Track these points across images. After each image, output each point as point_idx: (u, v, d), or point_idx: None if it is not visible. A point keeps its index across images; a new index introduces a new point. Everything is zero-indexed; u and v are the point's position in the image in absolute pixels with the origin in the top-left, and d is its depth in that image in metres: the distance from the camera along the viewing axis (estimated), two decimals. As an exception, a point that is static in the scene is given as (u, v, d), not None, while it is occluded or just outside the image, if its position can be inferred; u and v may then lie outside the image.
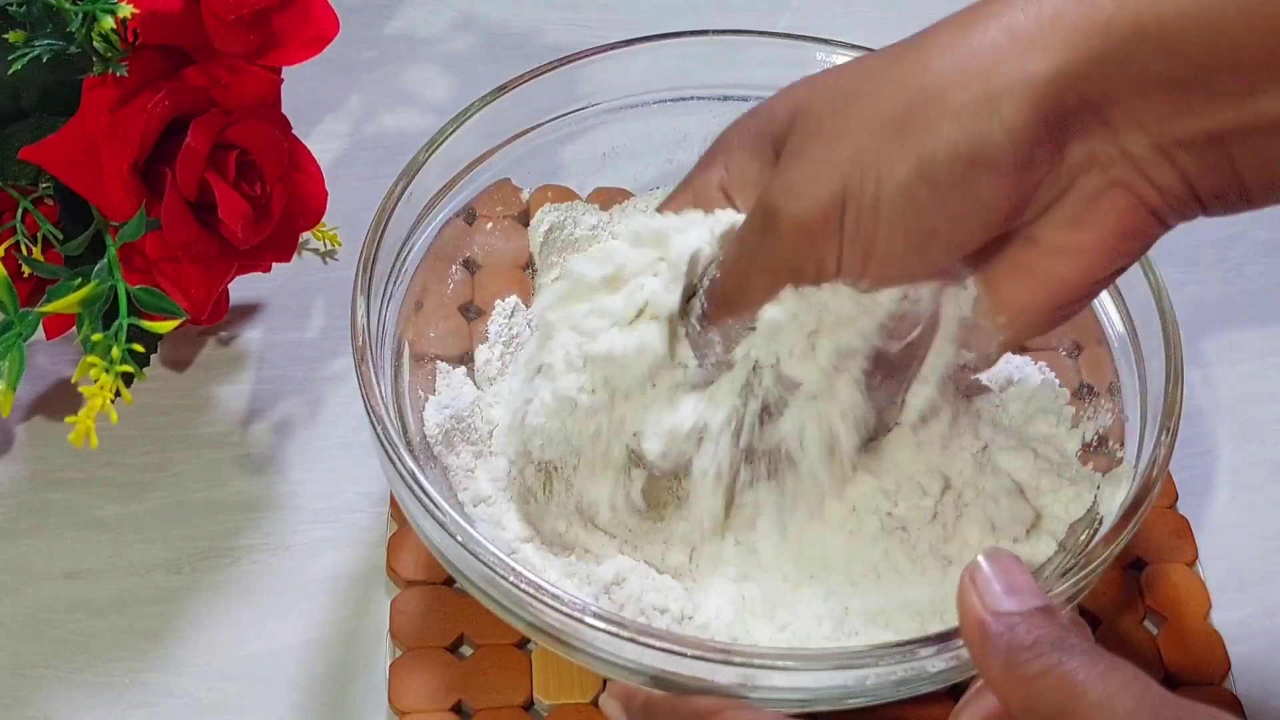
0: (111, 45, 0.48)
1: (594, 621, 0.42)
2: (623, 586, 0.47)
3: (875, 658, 0.42)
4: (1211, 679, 0.51)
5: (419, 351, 0.52)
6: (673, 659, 0.42)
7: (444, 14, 0.72)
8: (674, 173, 0.59)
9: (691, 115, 0.57)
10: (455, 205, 0.55)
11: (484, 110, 0.53)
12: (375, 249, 0.49)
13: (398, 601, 0.52)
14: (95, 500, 0.55)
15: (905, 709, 0.48)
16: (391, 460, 0.45)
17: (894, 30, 0.57)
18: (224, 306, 0.57)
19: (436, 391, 0.52)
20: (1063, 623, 0.37)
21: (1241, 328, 0.62)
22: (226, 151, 0.51)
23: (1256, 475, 0.58)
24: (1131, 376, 0.50)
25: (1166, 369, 0.48)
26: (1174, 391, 0.47)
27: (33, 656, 0.51)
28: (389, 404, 0.47)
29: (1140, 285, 0.50)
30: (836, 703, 0.44)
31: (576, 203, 0.57)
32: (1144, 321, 0.50)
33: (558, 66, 0.55)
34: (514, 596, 0.43)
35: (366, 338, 0.47)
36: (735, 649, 0.42)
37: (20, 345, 0.48)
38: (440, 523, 0.44)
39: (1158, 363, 0.48)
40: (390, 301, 0.51)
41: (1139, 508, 0.45)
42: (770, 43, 0.56)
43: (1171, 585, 0.53)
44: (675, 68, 0.57)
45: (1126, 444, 0.49)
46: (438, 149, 0.52)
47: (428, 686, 0.50)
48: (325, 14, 0.53)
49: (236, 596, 0.53)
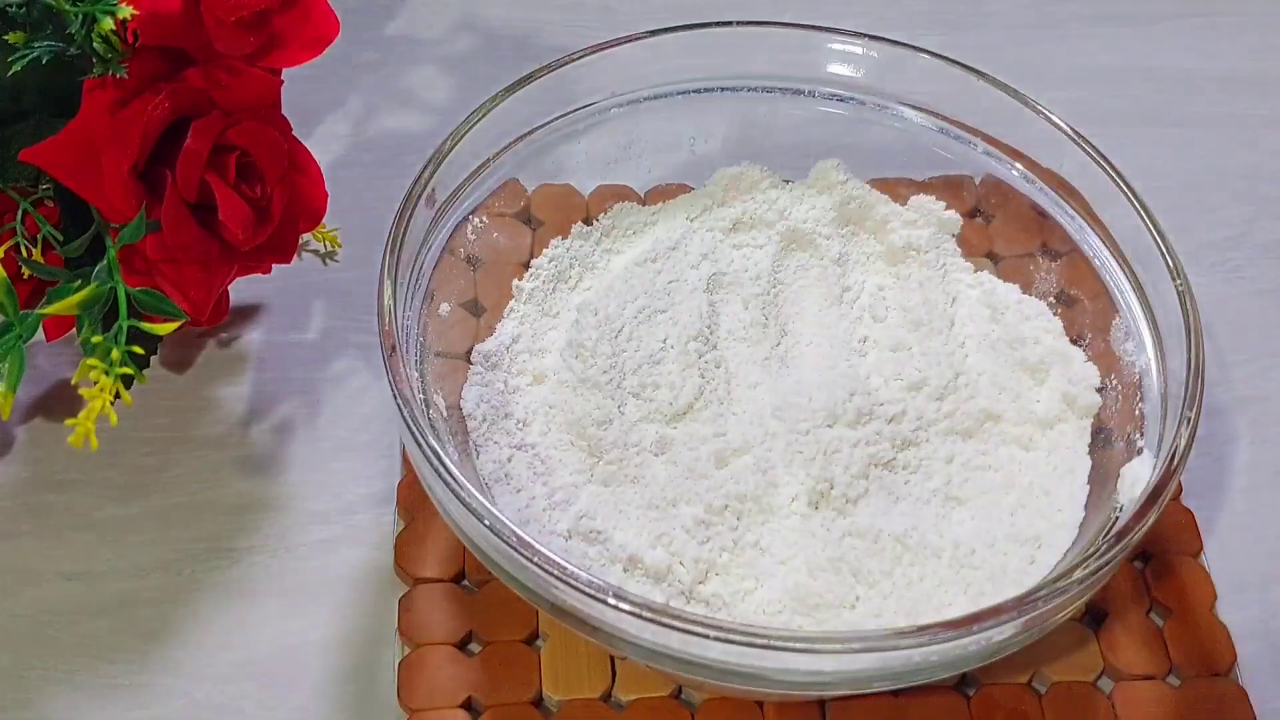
0: (111, 47, 0.48)
1: (615, 602, 0.42)
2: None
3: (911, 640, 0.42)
4: (1218, 671, 0.51)
5: (432, 346, 0.53)
6: (694, 640, 0.42)
7: (445, 15, 0.72)
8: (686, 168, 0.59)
9: (705, 110, 0.58)
10: (469, 203, 0.55)
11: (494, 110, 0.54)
12: (400, 244, 0.50)
13: (405, 599, 0.52)
14: (95, 502, 0.55)
15: (920, 697, 0.49)
16: (416, 440, 0.45)
17: (894, 30, 0.58)
18: (224, 308, 0.57)
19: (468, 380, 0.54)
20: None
21: (1242, 328, 0.62)
22: (227, 153, 0.51)
23: (1259, 476, 0.58)
24: (1151, 367, 0.51)
25: (1187, 360, 0.48)
26: (1194, 383, 0.47)
27: (32, 658, 0.51)
28: (415, 389, 0.48)
29: (1163, 277, 0.50)
30: (860, 686, 0.44)
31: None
32: (1165, 312, 0.51)
33: (560, 66, 0.55)
34: (535, 577, 0.43)
35: (394, 323, 0.48)
36: (758, 631, 0.42)
37: (20, 347, 0.47)
38: (464, 502, 0.44)
39: (1179, 354, 0.49)
40: (410, 297, 0.51)
41: (1160, 495, 0.45)
42: (788, 34, 0.57)
43: (1178, 578, 0.53)
44: (680, 63, 0.57)
45: (1146, 434, 0.50)
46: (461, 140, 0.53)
47: (437, 684, 0.50)
48: (326, 15, 0.53)
49: (237, 598, 0.53)
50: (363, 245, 0.61)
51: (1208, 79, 0.73)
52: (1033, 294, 0.57)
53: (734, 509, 0.50)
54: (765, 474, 0.51)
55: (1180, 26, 0.76)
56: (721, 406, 0.53)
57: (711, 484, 0.51)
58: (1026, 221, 0.57)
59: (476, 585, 0.52)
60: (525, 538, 0.43)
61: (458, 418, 0.52)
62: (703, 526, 0.50)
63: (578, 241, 0.58)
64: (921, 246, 0.58)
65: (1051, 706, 0.50)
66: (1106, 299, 0.54)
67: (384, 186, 0.64)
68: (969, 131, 0.57)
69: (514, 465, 0.52)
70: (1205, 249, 0.65)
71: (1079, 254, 0.55)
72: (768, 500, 0.50)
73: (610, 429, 0.52)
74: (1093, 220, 0.54)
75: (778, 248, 0.58)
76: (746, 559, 0.50)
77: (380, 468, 0.56)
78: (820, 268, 0.58)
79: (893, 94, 0.58)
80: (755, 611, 0.48)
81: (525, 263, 0.58)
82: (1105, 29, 0.75)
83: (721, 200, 0.59)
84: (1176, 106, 0.72)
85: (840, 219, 0.59)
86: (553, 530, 0.50)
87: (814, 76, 0.58)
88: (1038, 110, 0.55)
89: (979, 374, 0.54)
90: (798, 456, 0.51)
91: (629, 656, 0.45)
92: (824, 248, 0.58)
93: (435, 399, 0.51)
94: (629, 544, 0.49)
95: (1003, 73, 0.56)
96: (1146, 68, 0.73)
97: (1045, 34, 0.75)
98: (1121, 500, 0.48)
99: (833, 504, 0.50)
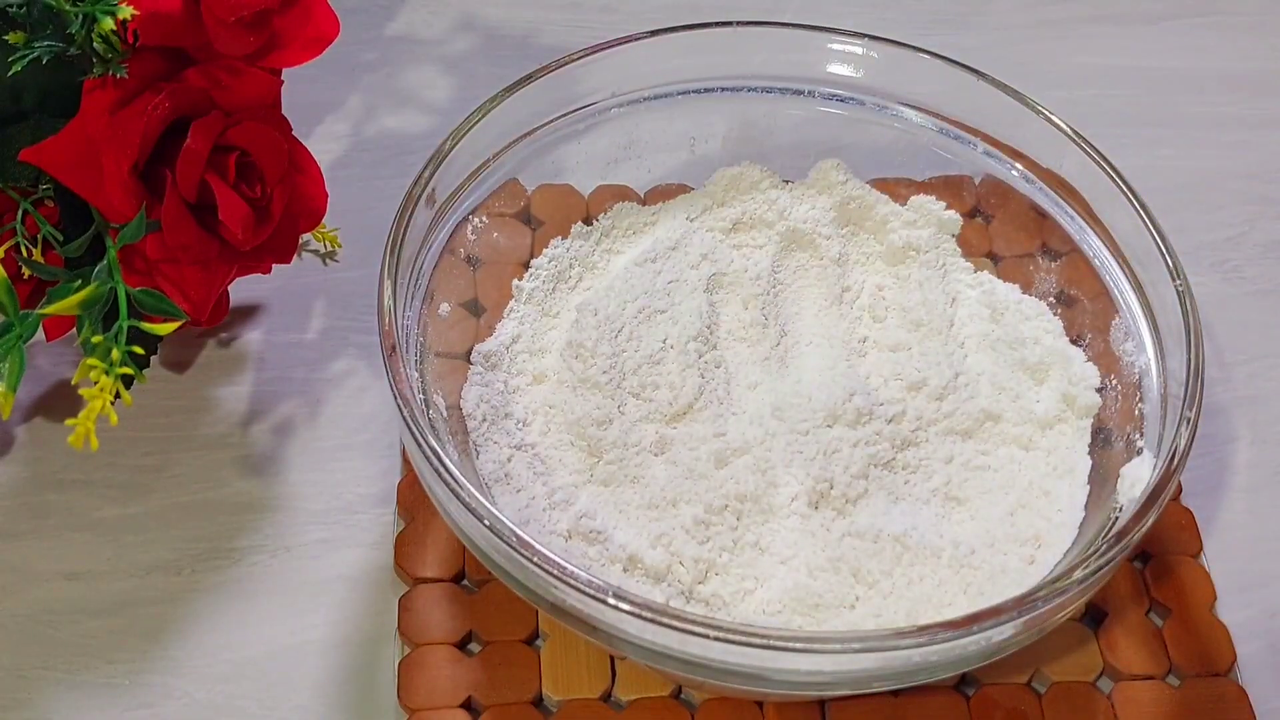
0: (111, 47, 0.48)
1: (615, 602, 0.42)
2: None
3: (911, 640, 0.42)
4: (1218, 670, 0.51)
5: (432, 346, 0.53)
6: (694, 640, 0.42)
7: (444, 15, 0.72)
8: (686, 168, 0.59)
9: (705, 110, 0.58)
10: (469, 203, 0.55)
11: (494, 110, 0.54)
12: (399, 244, 0.50)
13: (405, 599, 0.52)
14: (95, 502, 0.55)
15: (920, 697, 0.49)
16: (416, 440, 0.45)
17: (894, 30, 0.58)
18: (224, 308, 0.57)
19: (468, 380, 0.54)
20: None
21: (1242, 328, 0.62)
22: (227, 153, 0.51)
23: (1259, 476, 0.58)
24: (1151, 367, 0.51)
25: (1187, 360, 0.48)
26: (1194, 383, 0.47)
27: (32, 658, 0.51)
28: (415, 389, 0.48)
29: (1163, 277, 0.51)
30: (860, 686, 0.44)
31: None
32: (1165, 312, 0.51)
33: (560, 66, 0.55)
34: (535, 577, 0.43)
35: (394, 323, 0.48)
36: (757, 631, 0.42)
37: (20, 347, 0.47)
38: (464, 502, 0.44)
39: (1179, 354, 0.49)
40: (410, 297, 0.51)
41: (1160, 495, 0.45)
42: (788, 34, 0.57)
43: (1177, 578, 0.53)
44: (680, 63, 0.57)
45: (1146, 434, 0.50)
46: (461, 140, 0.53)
47: (437, 684, 0.50)
48: (326, 15, 0.53)
49: (237, 598, 0.53)
50: (363, 245, 0.61)
51: (1208, 79, 0.73)
52: (1033, 294, 0.57)
53: (734, 509, 0.50)
54: (765, 474, 0.51)
55: (1180, 26, 0.76)
56: (721, 406, 0.53)
57: (711, 484, 0.51)
58: (1026, 221, 0.57)
59: (476, 585, 0.52)
60: (525, 538, 0.43)
61: (458, 418, 0.52)
62: (702, 526, 0.50)
63: (578, 241, 0.58)
64: (921, 246, 0.58)
65: (1051, 706, 0.50)
66: (1106, 299, 0.54)
67: (384, 186, 0.64)
68: (969, 131, 0.57)
69: (514, 465, 0.52)
70: (1205, 249, 0.65)
71: (1079, 254, 0.55)
72: (768, 500, 0.50)
73: (610, 429, 0.52)
74: (1093, 220, 0.55)
75: (778, 248, 0.58)
76: (746, 559, 0.50)
77: (380, 468, 0.56)
78: (820, 268, 0.58)
79: (893, 94, 0.58)
80: (755, 611, 0.48)
81: (525, 263, 0.58)
82: (1105, 29, 0.75)
83: (721, 200, 0.59)
84: (1176, 106, 0.72)
85: (840, 219, 0.59)
86: (553, 530, 0.50)
87: (814, 76, 0.58)
88: (1038, 110, 0.55)
89: (979, 374, 0.54)
90: (797, 456, 0.51)
91: (629, 656, 0.45)
92: (824, 248, 0.58)
93: (435, 399, 0.51)
94: (629, 544, 0.49)
95: (1003, 73, 0.56)
96: (1146, 68, 0.73)
97: (1045, 34, 0.75)
98: (1121, 500, 0.48)
99: (832, 504, 0.50)
